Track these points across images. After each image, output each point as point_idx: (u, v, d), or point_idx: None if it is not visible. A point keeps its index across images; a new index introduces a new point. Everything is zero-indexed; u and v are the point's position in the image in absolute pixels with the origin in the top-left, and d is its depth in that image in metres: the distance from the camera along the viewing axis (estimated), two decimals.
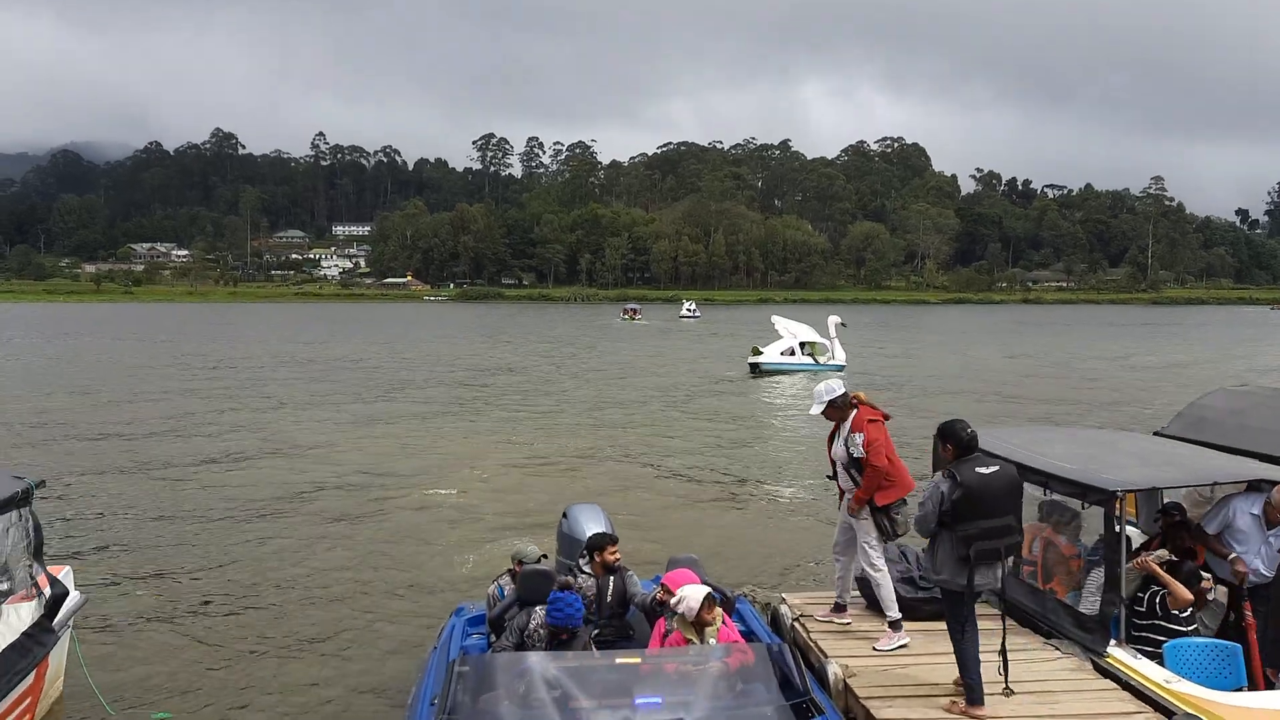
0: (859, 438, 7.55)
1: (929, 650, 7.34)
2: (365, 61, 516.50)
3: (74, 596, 7.57)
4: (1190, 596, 6.95)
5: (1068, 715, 6.16)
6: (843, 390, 7.71)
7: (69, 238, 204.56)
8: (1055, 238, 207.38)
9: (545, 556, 7.36)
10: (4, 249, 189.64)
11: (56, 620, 7.00)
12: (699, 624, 6.39)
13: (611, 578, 7.15)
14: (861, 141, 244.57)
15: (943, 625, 7.76)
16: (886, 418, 7.76)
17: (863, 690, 6.56)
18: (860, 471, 7.61)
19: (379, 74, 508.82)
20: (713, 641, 6.40)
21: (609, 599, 7.10)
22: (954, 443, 6.47)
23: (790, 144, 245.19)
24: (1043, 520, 8.43)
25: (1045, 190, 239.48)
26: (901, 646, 7.45)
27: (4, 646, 6.26)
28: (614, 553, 7.16)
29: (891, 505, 7.62)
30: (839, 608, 8.05)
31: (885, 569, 7.64)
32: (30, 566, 7.00)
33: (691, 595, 6.40)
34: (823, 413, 7.77)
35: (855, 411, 7.67)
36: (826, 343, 39.18)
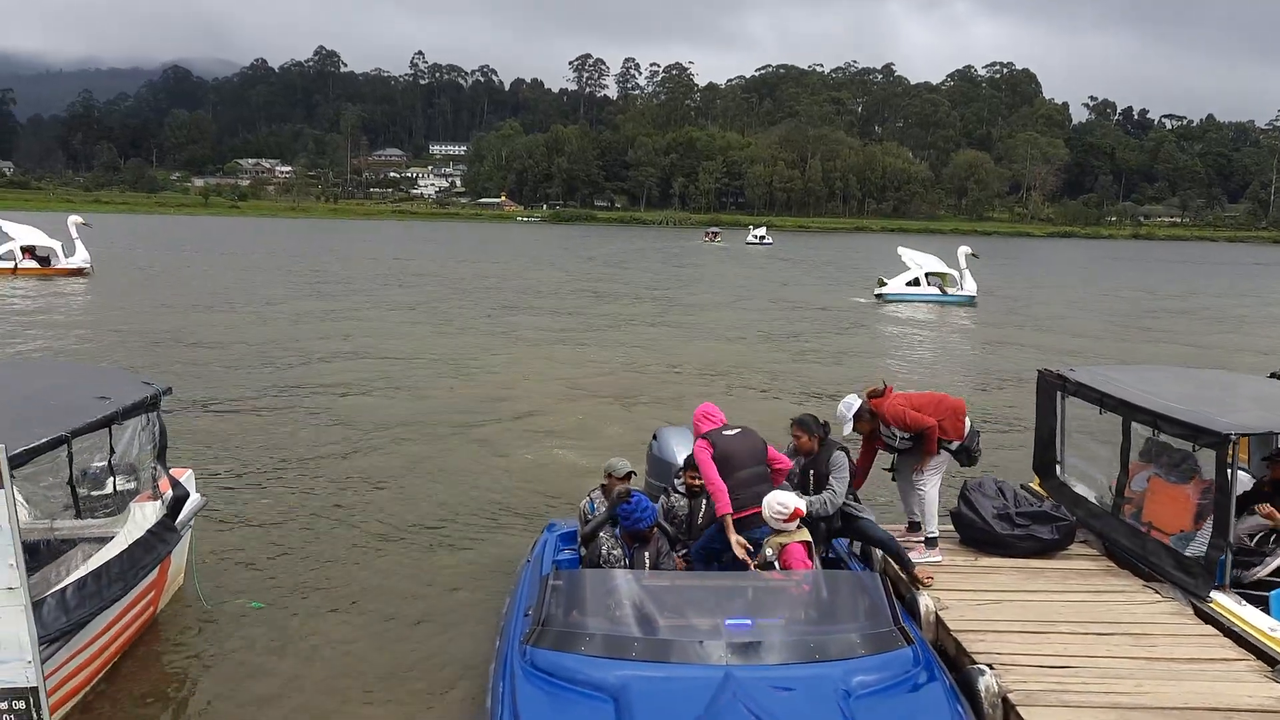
0: (895, 429, 7.88)
1: (1023, 587, 7.27)
2: None
3: (195, 498, 7.95)
4: None
5: (1165, 659, 6.05)
6: (859, 401, 7.95)
7: (179, 152, 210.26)
8: (1171, 171, 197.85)
9: (634, 473, 7.42)
10: (119, 162, 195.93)
11: (178, 520, 7.37)
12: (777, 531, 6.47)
13: (703, 499, 7.20)
14: (969, 66, 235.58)
15: (1039, 563, 7.74)
16: (886, 390, 8.02)
17: (954, 623, 6.53)
18: (921, 441, 7.89)
19: None
20: (768, 552, 6.40)
21: (700, 520, 7.16)
22: (809, 434, 7.35)
23: (894, 68, 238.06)
24: (1146, 460, 8.23)
25: (1163, 121, 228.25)
26: (934, 563, 7.67)
27: (131, 543, 6.62)
28: (696, 477, 7.18)
29: (970, 441, 7.98)
30: (913, 526, 8.19)
31: (934, 485, 7.93)
32: (155, 469, 7.36)
33: (784, 500, 6.46)
34: (855, 428, 8.03)
35: (878, 414, 7.93)
36: (955, 273, 38.40)
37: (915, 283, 38.77)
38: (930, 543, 7.83)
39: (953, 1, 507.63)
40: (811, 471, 7.26)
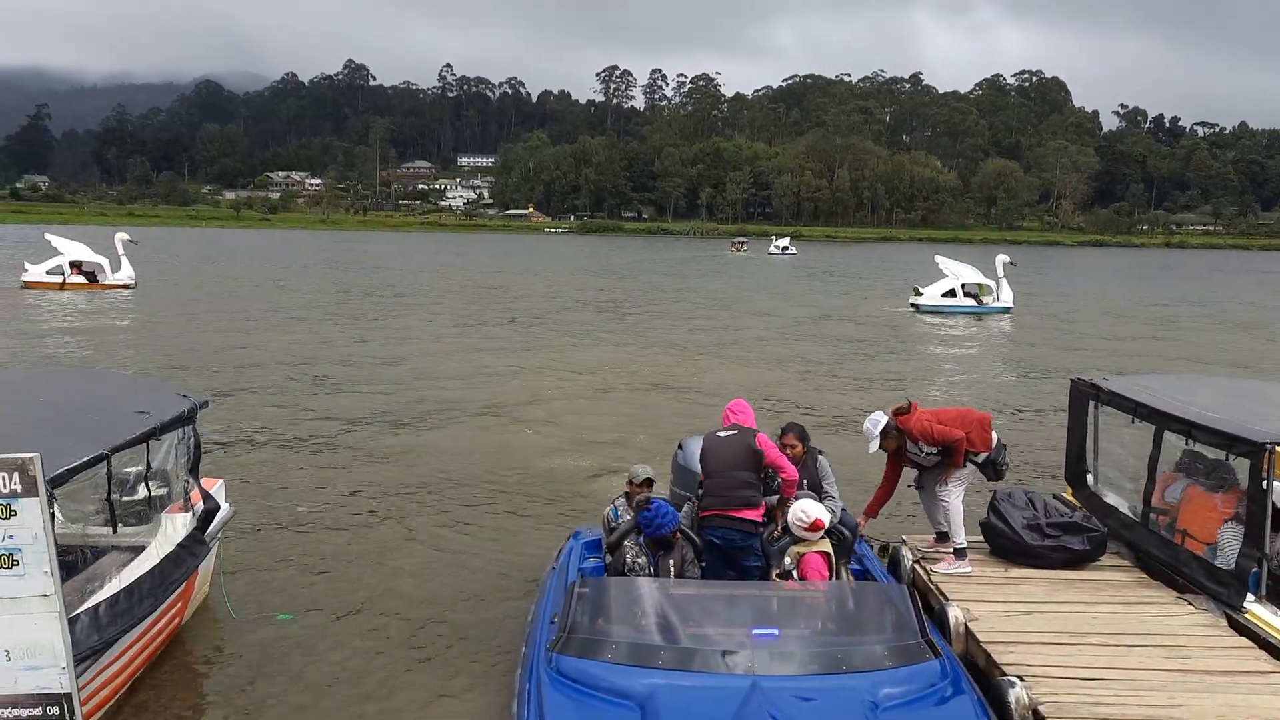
0: (923, 445, 7.87)
1: (1053, 598, 7.20)
2: None
3: (224, 509, 8.00)
4: None
5: (1199, 671, 5.96)
6: (885, 418, 7.94)
7: (211, 165, 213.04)
8: (1203, 179, 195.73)
9: (652, 479, 7.35)
10: (152, 175, 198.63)
11: (208, 532, 7.42)
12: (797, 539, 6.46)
13: None
14: (997, 75, 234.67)
15: (1069, 574, 7.66)
16: (911, 407, 8.01)
17: (984, 635, 6.47)
18: (949, 455, 7.88)
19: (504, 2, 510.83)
20: (787, 561, 6.37)
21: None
22: (802, 442, 7.53)
23: (922, 77, 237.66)
24: (1179, 470, 8.14)
25: (1195, 128, 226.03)
26: (964, 574, 7.63)
27: (162, 557, 6.68)
28: None
29: (997, 454, 7.93)
30: (941, 536, 8.15)
31: (958, 497, 7.89)
32: (188, 481, 7.42)
33: (808, 509, 6.40)
34: (881, 445, 7.99)
35: (904, 428, 7.92)
36: (992, 284, 38.07)
37: (951, 293, 38.45)
38: (959, 554, 7.78)
39: (980, 10, 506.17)
40: (805, 481, 7.26)
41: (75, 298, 36.48)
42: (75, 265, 39.86)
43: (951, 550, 7.83)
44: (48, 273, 39.51)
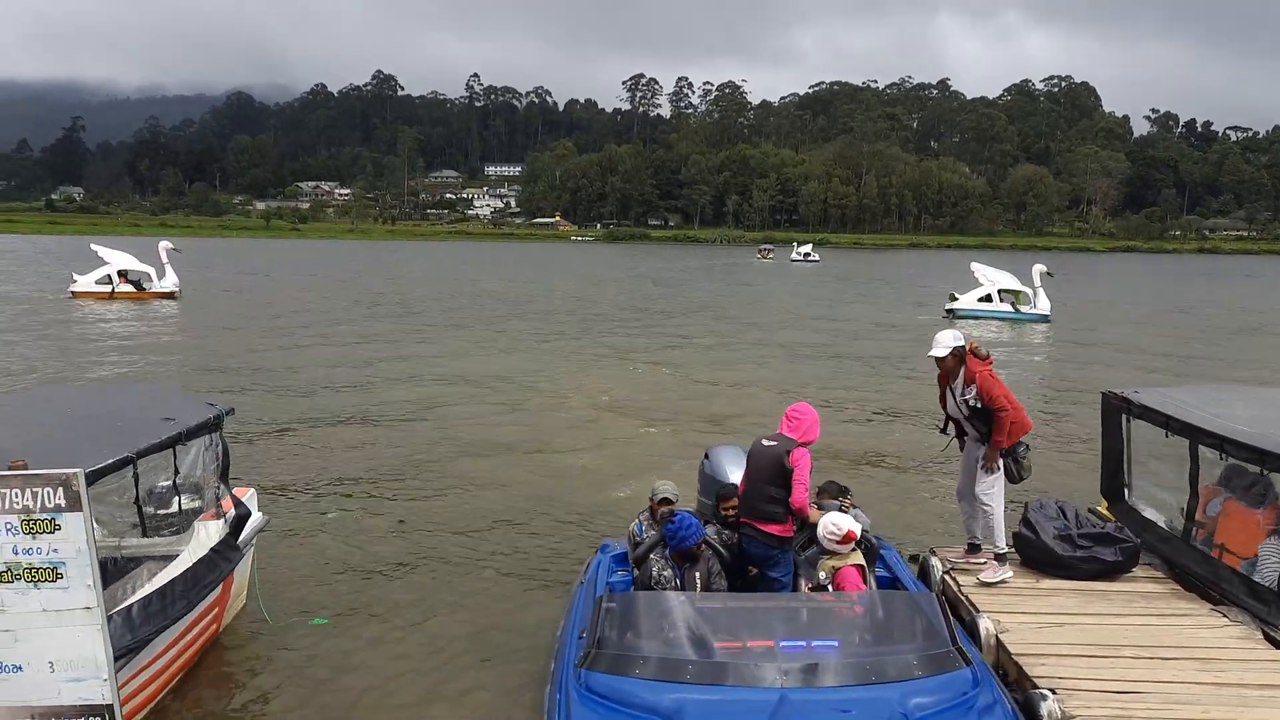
0: (973, 390, 7.64)
1: (1085, 610, 7.13)
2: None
3: (256, 517, 8.10)
4: None
5: (1234, 685, 5.89)
6: (963, 342, 7.73)
7: (242, 176, 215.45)
8: (1237, 184, 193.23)
9: (669, 499, 7.30)
10: (184, 186, 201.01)
11: (241, 539, 7.51)
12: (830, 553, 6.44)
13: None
14: (1026, 80, 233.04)
15: (1101, 585, 7.59)
16: (989, 359, 7.79)
17: (1015, 646, 6.42)
18: (983, 421, 7.69)
19: (530, 10, 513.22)
20: (821, 575, 6.36)
21: (741, 550, 7.07)
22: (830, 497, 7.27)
23: (949, 83, 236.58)
24: (1220, 485, 8.03)
25: (1227, 132, 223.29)
26: (1004, 581, 7.55)
27: (195, 561, 6.79)
28: (730, 508, 7.08)
29: (1016, 448, 7.77)
30: (973, 548, 8.08)
31: (999, 501, 7.76)
32: (218, 488, 7.54)
33: (839, 522, 6.41)
34: (941, 359, 7.74)
35: (965, 365, 7.72)
36: (1029, 291, 37.85)
37: (987, 299, 38.23)
38: (1001, 559, 7.70)
39: (1006, 14, 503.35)
40: None
41: (124, 307, 37.13)
42: (122, 274, 40.73)
43: (984, 560, 7.78)
44: (96, 282, 40.40)
